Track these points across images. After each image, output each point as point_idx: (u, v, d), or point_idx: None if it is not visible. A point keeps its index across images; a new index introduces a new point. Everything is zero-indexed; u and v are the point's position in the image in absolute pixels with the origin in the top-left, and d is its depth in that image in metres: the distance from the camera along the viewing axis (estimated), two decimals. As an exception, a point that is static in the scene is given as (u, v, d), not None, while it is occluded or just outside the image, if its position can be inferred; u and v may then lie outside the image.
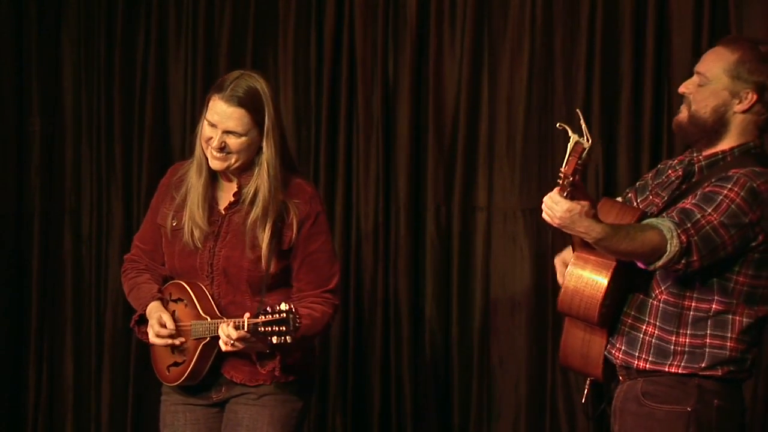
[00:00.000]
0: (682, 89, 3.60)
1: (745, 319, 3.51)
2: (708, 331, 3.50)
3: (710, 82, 3.55)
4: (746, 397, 3.54)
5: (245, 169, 3.97)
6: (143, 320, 4.02)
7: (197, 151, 3.99)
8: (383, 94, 5.33)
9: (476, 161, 5.24)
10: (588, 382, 3.74)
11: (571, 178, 3.20)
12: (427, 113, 5.28)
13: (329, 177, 5.38)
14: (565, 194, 3.24)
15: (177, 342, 3.95)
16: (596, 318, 3.44)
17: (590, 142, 3.17)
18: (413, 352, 5.30)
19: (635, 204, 3.71)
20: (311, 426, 5.38)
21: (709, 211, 3.41)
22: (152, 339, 3.96)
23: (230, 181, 4.01)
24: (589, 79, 5.07)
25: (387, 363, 5.33)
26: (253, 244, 3.94)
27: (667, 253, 3.35)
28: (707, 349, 3.49)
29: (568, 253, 3.65)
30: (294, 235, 3.96)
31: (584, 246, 3.45)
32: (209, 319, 3.92)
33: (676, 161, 3.72)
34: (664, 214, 3.47)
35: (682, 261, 3.38)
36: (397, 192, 5.33)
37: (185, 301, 3.97)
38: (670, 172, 3.70)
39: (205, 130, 3.94)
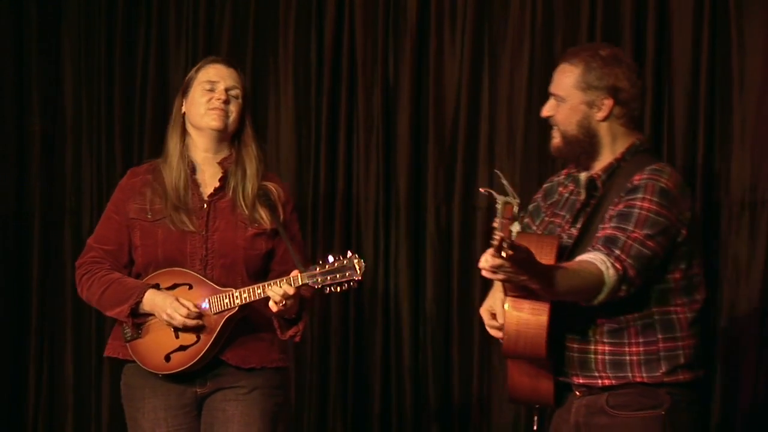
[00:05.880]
0: (544, 113, 3.65)
1: (688, 314, 3.53)
2: (659, 336, 3.51)
3: (566, 101, 3.60)
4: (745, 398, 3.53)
5: (227, 151, 4.09)
6: (135, 314, 4.00)
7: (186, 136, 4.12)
8: (383, 94, 5.33)
9: (476, 161, 5.24)
10: (536, 411, 3.77)
11: (509, 241, 3.11)
12: (427, 113, 5.28)
13: (329, 177, 5.38)
14: (503, 255, 3.14)
15: (201, 321, 3.94)
16: (545, 354, 3.45)
17: (517, 199, 3.12)
18: (413, 352, 5.30)
19: (534, 228, 3.73)
20: (311, 426, 5.38)
21: (631, 228, 3.42)
22: (177, 322, 3.92)
23: (213, 168, 4.08)
24: (589, 79, 5.06)
25: (387, 363, 5.33)
26: (245, 222, 4.02)
27: (606, 284, 3.36)
28: (662, 354, 3.51)
29: (492, 302, 3.67)
30: (281, 214, 4.05)
31: (516, 290, 3.42)
32: (233, 290, 3.94)
33: (562, 177, 3.76)
34: (589, 248, 3.45)
35: (623, 287, 3.39)
36: (397, 192, 5.32)
37: (188, 284, 3.98)
38: (560, 189, 3.74)
39: (202, 95, 4.06)
